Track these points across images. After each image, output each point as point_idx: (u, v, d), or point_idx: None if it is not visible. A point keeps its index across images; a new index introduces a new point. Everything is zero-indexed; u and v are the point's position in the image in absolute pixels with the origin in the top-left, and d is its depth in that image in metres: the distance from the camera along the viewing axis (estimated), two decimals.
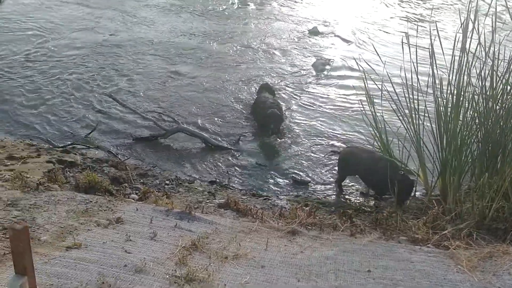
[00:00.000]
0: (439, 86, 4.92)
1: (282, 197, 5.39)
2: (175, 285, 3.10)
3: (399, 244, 3.96)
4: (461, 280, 3.32)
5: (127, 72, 8.44)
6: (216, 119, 7.09)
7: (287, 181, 5.77)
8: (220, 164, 5.99)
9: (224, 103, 7.58)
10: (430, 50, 4.91)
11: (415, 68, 5.02)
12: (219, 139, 6.53)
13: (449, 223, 4.18)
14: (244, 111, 7.36)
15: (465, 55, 4.73)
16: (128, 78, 8.23)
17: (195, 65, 9.03)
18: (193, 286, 3.09)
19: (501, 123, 4.65)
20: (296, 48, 10.05)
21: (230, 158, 6.13)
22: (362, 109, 5.70)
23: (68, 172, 5.22)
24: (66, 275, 3.08)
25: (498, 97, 4.67)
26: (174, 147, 6.36)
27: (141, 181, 5.39)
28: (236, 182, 5.66)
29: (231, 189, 5.45)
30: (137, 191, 4.98)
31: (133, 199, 4.68)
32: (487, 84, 4.71)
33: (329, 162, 6.12)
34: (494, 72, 4.67)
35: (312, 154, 6.30)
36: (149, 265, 3.29)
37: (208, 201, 4.89)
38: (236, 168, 5.94)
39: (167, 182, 5.41)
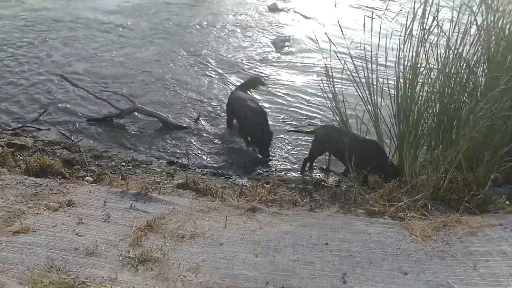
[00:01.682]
0: (397, 62, 4.94)
1: (244, 175, 5.35)
2: (128, 266, 3.02)
3: (356, 217, 3.99)
4: (415, 249, 3.38)
5: (79, 52, 8.15)
6: (173, 98, 6.96)
7: (249, 159, 5.73)
8: (179, 144, 5.89)
9: (183, 82, 7.47)
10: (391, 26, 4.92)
11: (376, 43, 5.03)
12: (178, 118, 6.40)
13: (405, 195, 4.23)
14: (203, 90, 7.24)
15: (422, 31, 4.76)
16: (80, 57, 7.94)
17: (150, 43, 8.84)
18: (147, 266, 3.01)
19: (455, 97, 4.73)
20: (255, 25, 9.98)
21: (189, 138, 6.03)
22: (321, 85, 5.69)
23: (18, 156, 4.99)
24: (13, 260, 2.94)
25: (452, 71, 4.73)
26: (131, 127, 6.21)
27: (96, 163, 5.22)
28: (196, 162, 5.58)
29: (190, 169, 5.36)
30: (92, 174, 4.82)
31: (87, 182, 4.53)
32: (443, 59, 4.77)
33: (290, 139, 6.11)
34: (449, 47, 4.72)
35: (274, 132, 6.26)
36: (101, 248, 3.18)
37: (166, 181, 4.78)
38: (196, 147, 5.85)
39: (124, 163, 5.27)
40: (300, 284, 2.96)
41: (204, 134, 6.13)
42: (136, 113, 6.41)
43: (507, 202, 3.95)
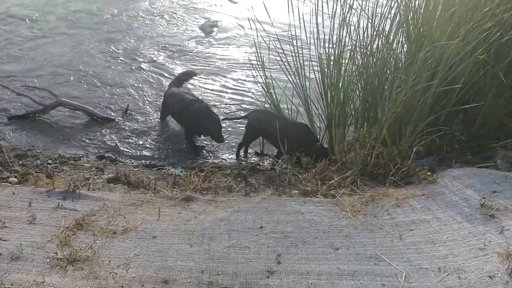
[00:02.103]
0: (322, 43, 5.03)
1: (177, 165, 5.27)
2: (56, 268, 2.90)
3: (290, 198, 4.06)
4: (346, 225, 3.49)
5: None
6: (100, 90, 6.70)
7: (182, 148, 5.65)
8: (108, 138, 5.70)
9: (103, 74, 7.21)
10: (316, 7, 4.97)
11: (301, 25, 5.08)
12: (105, 110, 6.19)
13: (336, 173, 4.36)
14: (129, 80, 7.03)
15: (345, 11, 4.86)
16: None
17: (63, 35, 8.44)
18: (77, 266, 2.91)
19: (378, 74, 4.90)
20: (182, 11, 9.77)
21: (119, 130, 5.85)
22: (251, 69, 5.69)
23: None
24: None
25: (374, 49, 4.89)
26: (56, 123, 5.93)
27: (20, 162, 4.95)
28: (127, 154, 5.43)
29: (121, 162, 5.22)
30: (16, 174, 4.56)
31: (11, 183, 4.28)
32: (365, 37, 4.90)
33: (224, 126, 6.07)
34: (370, 25, 4.86)
35: None
36: (27, 251, 3.04)
37: (96, 177, 4.63)
38: (126, 140, 5.69)
39: (50, 161, 5.03)
40: (235, 270, 2.97)
41: (134, 126, 5.96)
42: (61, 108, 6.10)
43: (429, 173, 4.16)
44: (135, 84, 6.97)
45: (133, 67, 7.49)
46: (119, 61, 7.67)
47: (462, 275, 2.90)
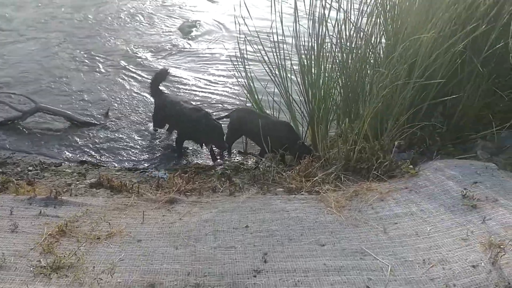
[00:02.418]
0: (301, 40, 5.04)
1: (161, 167, 5.23)
2: (40, 276, 2.86)
3: (275, 196, 4.05)
4: (331, 220, 3.51)
5: None
6: (78, 94, 6.62)
7: (165, 150, 5.61)
8: (90, 142, 5.62)
9: (87, 76, 7.12)
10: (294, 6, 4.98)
11: (281, 24, 5.08)
12: (85, 115, 6.12)
13: (320, 170, 4.38)
14: (108, 84, 6.96)
15: (322, 8, 4.87)
16: None
17: (48, 37, 8.32)
18: (61, 273, 2.87)
19: (358, 70, 4.93)
20: (160, 11, 9.71)
21: (100, 134, 5.78)
22: (233, 68, 5.68)
23: None
24: None
25: (353, 45, 4.92)
26: (35, 129, 5.82)
27: (0, 170, 4.85)
28: (109, 158, 5.36)
29: (104, 166, 5.15)
30: None
31: None
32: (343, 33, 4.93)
33: None
34: (348, 20, 4.88)
35: None
36: (9, 260, 2.99)
37: (78, 182, 4.56)
38: (108, 143, 5.62)
39: (31, 168, 4.94)
40: (222, 270, 2.96)
41: (115, 129, 5.89)
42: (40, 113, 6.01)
43: (411, 166, 4.20)
44: (114, 88, 6.90)
45: (111, 70, 7.43)
46: (97, 64, 7.59)
47: (446, 266, 2.94)
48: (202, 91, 6.97)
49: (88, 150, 5.48)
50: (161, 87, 5.96)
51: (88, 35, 8.62)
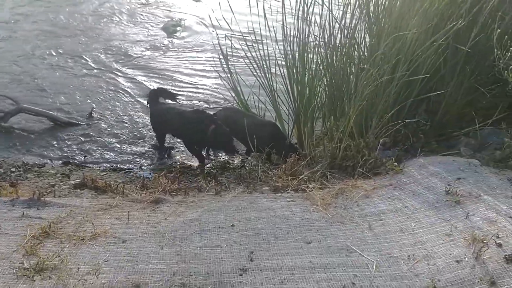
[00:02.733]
0: (286, 38, 5.04)
1: (145, 167, 5.20)
2: (23, 278, 2.81)
3: (261, 194, 4.05)
4: (317, 218, 3.51)
5: None
6: (60, 95, 6.54)
7: (149, 149, 5.57)
8: (73, 142, 5.56)
9: (67, 76, 7.04)
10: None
11: (265, 22, 5.07)
12: (68, 115, 6.05)
13: (306, 168, 4.39)
14: (91, 84, 6.89)
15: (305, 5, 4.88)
16: None
17: (28, 37, 8.20)
18: (45, 275, 2.83)
19: (342, 68, 4.95)
20: (144, 11, 9.64)
21: (84, 134, 5.71)
22: (218, 67, 5.66)
23: None
24: None
25: (338, 43, 4.94)
26: (18, 130, 5.73)
27: None
28: (93, 159, 5.31)
29: (88, 167, 5.10)
30: None
31: None
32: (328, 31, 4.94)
33: None
34: (333, 18, 4.90)
35: None
36: None
37: (62, 183, 4.51)
38: (92, 144, 5.56)
39: (13, 169, 4.87)
40: (208, 269, 2.95)
41: (99, 129, 5.83)
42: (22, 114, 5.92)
43: (396, 163, 4.23)
44: (98, 88, 6.84)
45: (93, 70, 7.36)
46: (78, 64, 7.51)
47: (431, 261, 2.97)
48: (187, 91, 6.93)
49: (72, 150, 5.42)
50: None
51: (68, 35, 8.51)
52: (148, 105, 5.66)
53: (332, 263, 2.98)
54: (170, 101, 5.71)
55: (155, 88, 5.89)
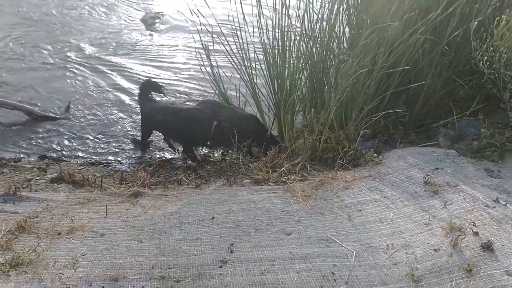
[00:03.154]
0: (265, 31, 5.01)
1: (124, 161, 5.13)
2: None
3: (242, 187, 4.03)
4: (297, 210, 3.51)
5: None
6: (37, 87, 6.41)
7: (128, 143, 5.50)
8: (50, 136, 5.46)
9: (44, 70, 6.92)
10: None
11: (243, 14, 5.03)
12: (45, 108, 5.94)
13: (286, 160, 4.39)
14: (68, 77, 6.78)
15: None
16: None
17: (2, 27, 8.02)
18: (20, 270, 2.77)
19: (323, 60, 4.94)
20: (121, 3, 9.49)
21: (61, 128, 5.61)
22: (198, 59, 5.61)
23: None
24: None
25: (317, 35, 4.93)
26: None
27: None
28: (71, 153, 5.21)
29: (65, 161, 5.01)
30: None
31: None
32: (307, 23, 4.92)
33: None
34: (311, 10, 4.88)
35: None
36: None
37: (38, 178, 4.42)
38: (69, 138, 5.46)
39: None
40: (187, 262, 2.93)
41: (77, 122, 5.74)
42: None
43: (375, 154, 4.26)
44: (75, 81, 6.74)
45: (70, 63, 7.25)
46: (55, 58, 7.39)
47: (409, 250, 3.00)
48: (166, 83, 6.85)
49: (48, 144, 5.32)
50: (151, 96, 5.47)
51: (44, 28, 8.35)
52: (139, 100, 5.45)
53: (312, 254, 2.99)
54: (159, 97, 5.53)
55: (145, 81, 5.69)
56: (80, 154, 5.20)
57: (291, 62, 4.96)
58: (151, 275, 2.80)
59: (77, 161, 5.03)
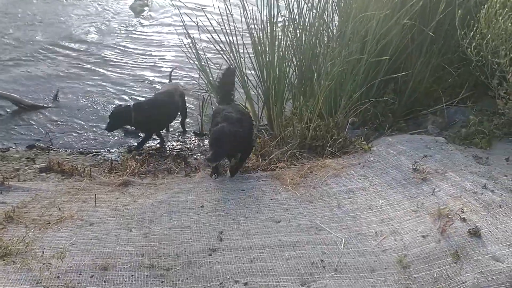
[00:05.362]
0: (253, 20, 4.96)
1: (114, 150, 5.09)
2: None
3: None
4: (286, 198, 3.53)
5: None
6: (23, 77, 6.33)
7: (118, 133, 5.45)
8: (38, 125, 5.39)
9: (33, 58, 6.83)
10: None
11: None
12: (32, 98, 5.87)
13: (276, 148, 4.39)
14: (57, 67, 6.70)
15: None
16: None
17: None
18: (9, 260, 2.76)
19: (312, 48, 4.92)
20: None
21: (49, 118, 5.55)
22: (185, 48, 5.55)
23: None
24: None
25: (306, 23, 4.90)
26: None
27: None
28: (59, 142, 5.15)
29: (54, 150, 4.96)
30: None
31: None
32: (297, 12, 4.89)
33: None
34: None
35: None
36: None
37: (27, 167, 4.38)
38: (58, 127, 5.40)
39: None
40: (177, 250, 2.93)
41: (65, 112, 5.68)
42: None
43: (364, 142, 4.27)
44: (63, 70, 6.66)
45: (58, 53, 7.16)
46: (43, 47, 7.29)
47: (398, 237, 3.02)
48: (153, 72, 6.82)
49: (37, 134, 5.25)
50: None
51: (31, 17, 8.21)
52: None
53: (301, 241, 3.01)
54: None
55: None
56: (68, 143, 5.14)
57: (280, 49, 4.92)
58: (140, 263, 2.80)
59: (66, 151, 4.97)
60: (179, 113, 5.33)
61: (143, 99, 5.70)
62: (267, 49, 4.92)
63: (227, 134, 3.66)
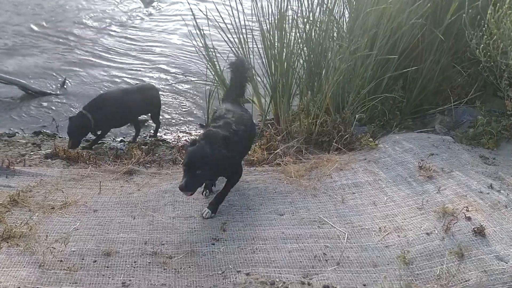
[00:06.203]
0: (262, 13, 4.94)
1: (119, 138, 5.11)
2: None
3: None
4: (290, 191, 3.52)
5: None
6: (33, 62, 6.35)
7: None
8: (45, 112, 5.43)
9: (40, 47, 6.85)
10: None
11: None
12: (40, 84, 5.88)
13: (282, 142, 4.38)
14: (64, 55, 6.71)
15: None
16: None
17: None
18: (12, 243, 2.77)
19: (321, 43, 4.89)
20: None
21: (56, 104, 5.58)
22: (193, 40, 5.53)
23: None
24: None
25: (317, 18, 4.87)
26: None
27: None
28: (65, 129, 5.16)
29: (60, 137, 4.98)
30: None
31: None
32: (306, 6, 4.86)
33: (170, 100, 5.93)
34: None
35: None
36: None
37: (32, 153, 4.40)
38: (64, 114, 5.43)
39: None
40: (180, 239, 2.93)
41: (72, 99, 5.70)
42: None
43: (371, 139, 4.25)
44: (70, 58, 6.70)
45: (68, 41, 7.20)
46: (52, 36, 7.31)
47: (401, 234, 3.01)
48: (162, 63, 6.81)
49: (43, 120, 5.29)
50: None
51: (39, 5, 8.22)
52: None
53: (304, 234, 3.00)
54: None
55: None
56: None
57: (289, 43, 4.90)
58: (143, 250, 2.80)
59: None
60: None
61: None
62: (276, 42, 4.89)
63: (205, 157, 2.94)
